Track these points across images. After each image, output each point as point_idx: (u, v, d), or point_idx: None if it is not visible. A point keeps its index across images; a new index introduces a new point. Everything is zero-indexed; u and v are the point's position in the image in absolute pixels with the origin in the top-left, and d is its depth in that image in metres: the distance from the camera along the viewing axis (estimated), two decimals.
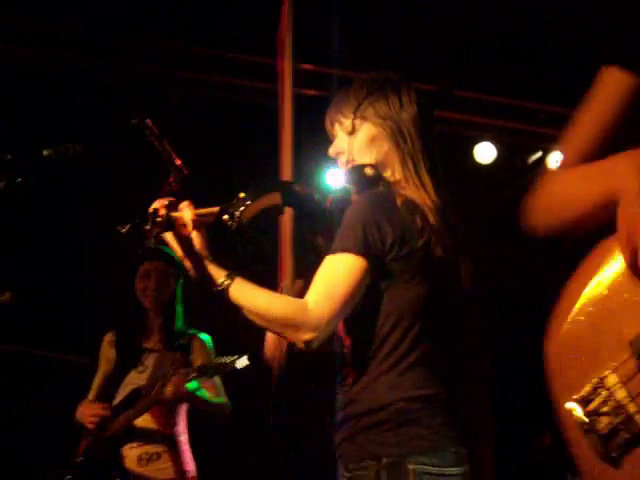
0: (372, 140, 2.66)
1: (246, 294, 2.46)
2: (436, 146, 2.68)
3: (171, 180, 3.07)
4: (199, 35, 5.92)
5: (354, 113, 2.68)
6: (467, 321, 2.63)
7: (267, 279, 2.61)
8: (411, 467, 2.37)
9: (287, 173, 2.99)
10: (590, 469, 1.72)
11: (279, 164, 2.90)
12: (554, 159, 6.94)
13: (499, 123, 6.77)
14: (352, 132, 2.69)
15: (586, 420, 1.73)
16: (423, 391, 2.44)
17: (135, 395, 4.46)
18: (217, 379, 4.54)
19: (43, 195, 5.45)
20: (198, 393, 4.40)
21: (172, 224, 2.51)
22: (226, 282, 2.46)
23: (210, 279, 2.47)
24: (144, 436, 4.47)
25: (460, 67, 6.29)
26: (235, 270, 2.49)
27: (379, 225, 2.43)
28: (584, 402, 1.74)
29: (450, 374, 2.52)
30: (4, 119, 5.50)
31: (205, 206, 2.59)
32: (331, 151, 2.75)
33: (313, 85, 6.18)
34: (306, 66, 6.20)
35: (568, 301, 1.77)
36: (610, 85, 1.87)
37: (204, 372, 4.27)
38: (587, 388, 1.73)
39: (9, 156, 3.04)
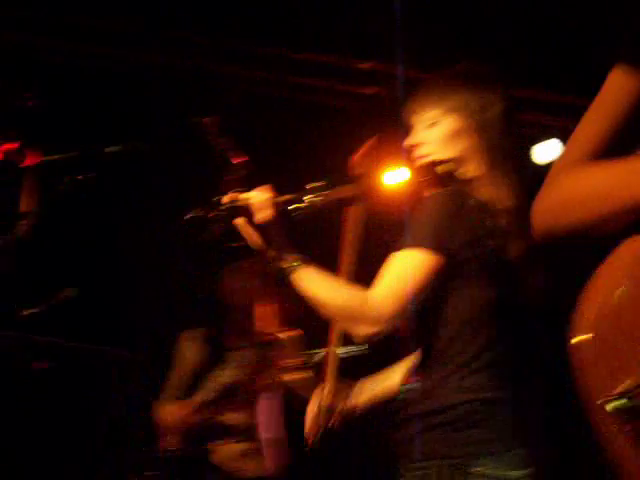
0: (453, 135, 2.60)
1: (312, 281, 2.45)
2: (519, 145, 2.64)
3: (233, 177, 3.08)
4: (262, 34, 5.92)
5: (437, 105, 2.62)
6: (532, 327, 2.60)
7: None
8: (473, 469, 2.37)
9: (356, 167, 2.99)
10: (627, 465, 1.67)
11: (348, 159, 2.88)
12: None
13: (560, 122, 6.69)
14: (433, 124, 2.63)
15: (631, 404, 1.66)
16: (489, 394, 2.42)
17: (224, 391, 4.48)
18: None
19: (107, 193, 5.49)
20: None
21: (244, 210, 2.51)
22: (294, 267, 2.45)
23: (279, 263, 2.47)
24: (234, 432, 4.50)
25: (518, 65, 6.24)
26: (305, 256, 2.49)
27: (450, 225, 2.40)
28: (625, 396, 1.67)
29: (516, 378, 2.50)
30: (69, 118, 5.55)
31: None
32: (408, 142, 2.69)
33: (373, 83, 6.17)
34: (365, 65, 6.18)
35: (597, 294, 1.68)
36: (621, 81, 1.77)
37: (298, 367, 4.29)
38: (630, 382, 1.67)
39: (74, 153, 3.07)
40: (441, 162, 2.57)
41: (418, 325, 2.49)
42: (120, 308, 5.91)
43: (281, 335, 4.65)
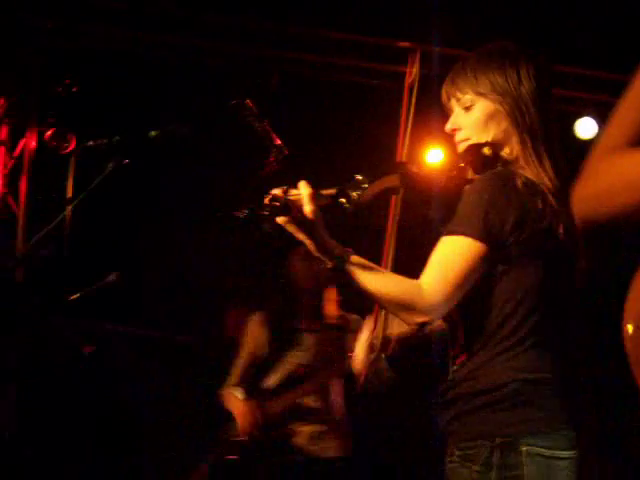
0: (490, 117, 2.57)
1: (362, 273, 2.45)
2: (556, 123, 2.58)
3: (271, 160, 3.10)
4: (299, 15, 5.94)
5: (471, 88, 2.60)
6: (581, 304, 2.60)
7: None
8: (524, 448, 2.36)
9: (401, 153, 3.00)
10: None
11: (394, 145, 2.89)
12: None
13: (600, 98, 6.66)
14: (469, 108, 2.61)
15: None
16: (539, 374, 2.41)
17: (301, 375, 4.51)
18: None
19: (150, 176, 5.54)
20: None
21: (289, 208, 2.52)
22: (343, 260, 2.46)
23: (328, 257, 2.48)
24: (312, 414, 4.53)
25: (560, 42, 6.20)
26: (351, 248, 2.51)
27: (499, 208, 2.38)
28: None
29: (564, 359, 2.48)
30: (113, 102, 5.60)
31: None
32: (448, 127, 2.66)
33: (410, 62, 6.15)
34: (405, 44, 6.18)
35: None
36: None
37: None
38: None
39: (117, 138, 3.10)
40: (484, 144, 2.55)
41: (468, 307, 2.49)
42: (173, 293, 5.96)
43: (349, 317, 4.67)
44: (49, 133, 5.35)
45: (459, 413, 2.49)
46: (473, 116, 2.59)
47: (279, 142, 3.13)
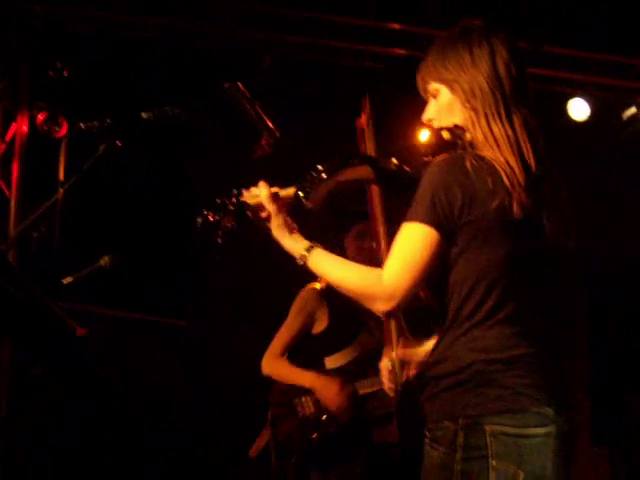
0: (451, 102, 2.60)
1: (324, 266, 2.56)
2: (524, 97, 2.57)
3: (263, 143, 3.11)
4: None
5: (433, 76, 2.63)
6: (556, 281, 2.61)
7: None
8: (488, 428, 2.38)
9: (370, 147, 3.01)
10: None
11: (388, 127, 2.90)
12: None
13: (592, 79, 6.66)
14: (436, 96, 2.65)
15: None
16: (503, 353, 2.43)
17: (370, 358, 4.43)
18: None
19: (143, 157, 5.53)
20: None
21: (244, 211, 2.58)
22: (305, 256, 2.54)
23: (293, 253, 2.56)
24: (383, 398, 4.45)
25: (551, 23, 6.20)
26: (315, 242, 2.57)
27: (448, 190, 2.40)
28: None
29: (537, 334, 2.49)
30: (104, 86, 5.59)
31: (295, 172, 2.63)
32: (423, 118, 2.70)
33: (403, 45, 6.16)
34: (395, 25, 6.18)
35: None
36: None
37: None
38: None
39: (109, 120, 3.10)
40: (442, 129, 2.58)
41: (433, 291, 2.52)
42: (167, 276, 5.97)
43: None
44: (41, 117, 5.33)
45: (428, 396, 2.53)
46: (439, 103, 2.63)
47: (271, 125, 3.14)
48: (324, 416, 4.50)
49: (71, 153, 3.63)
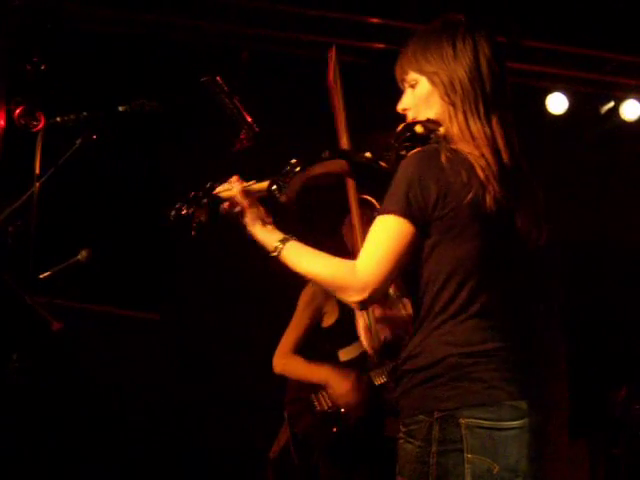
0: (429, 94, 2.59)
1: (297, 257, 2.54)
2: (502, 95, 2.58)
3: (242, 137, 3.10)
4: None
5: (413, 67, 2.62)
6: (529, 274, 2.61)
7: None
8: (463, 421, 2.38)
9: (344, 139, 3.01)
10: None
11: (366, 120, 2.90)
12: (627, 108, 6.86)
13: (570, 73, 6.68)
14: (414, 86, 2.64)
15: None
16: (477, 346, 2.43)
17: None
18: None
19: (120, 150, 5.51)
20: None
21: (218, 204, 2.58)
22: (279, 248, 2.54)
23: (266, 247, 2.55)
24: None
25: (530, 17, 6.22)
26: (290, 235, 2.56)
27: (422, 183, 2.41)
28: None
29: (511, 327, 2.50)
30: (82, 80, 5.56)
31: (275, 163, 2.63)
32: (399, 107, 2.70)
33: (382, 39, 6.17)
34: (374, 19, 6.18)
35: None
36: None
37: None
38: None
39: (85, 113, 3.09)
40: (417, 122, 2.58)
41: (407, 284, 2.53)
42: (144, 269, 5.95)
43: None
44: (18, 111, 5.30)
45: (403, 390, 2.53)
46: (416, 94, 2.63)
47: (250, 119, 3.13)
48: (342, 409, 4.47)
49: (48, 147, 3.61)
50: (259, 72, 5.97)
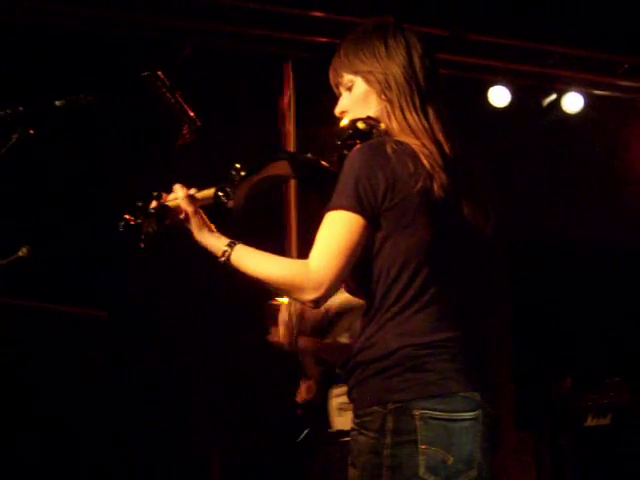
0: (367, 93, 2.62)
1: (247, 260, 2.52)
2: (437, 89, 2.62)
3: (184, 132, 3.08)
4: None
5: (347, 69, 2.64)
6: (478, 263, 2.63)
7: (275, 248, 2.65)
8: (417, 412, 2.38)
9: (290, 141, 3.01)
10: None
11: (314, 117, 2.90)
12: (568, 101, 6.92)
13: (512, 66, 6.72)
14: (350, 88, 2.66)
15: None
16: (431, 337, 2.44)
17: None
18: None
19: (57, 146, 5.45)
20: None
21: (165, 213, 2.58)
22: (227, 252, 2.53)
23: (214, 252, 2.55)
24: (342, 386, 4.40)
25: (472, 10, 6.24)
26: (236, 240, 2.55)
27: (370, 176, 2.42)
28: None
29: (462, 318, 2.51)
30: (16, 72, 5.50)
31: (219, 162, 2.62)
32: (336, 110, 2.71)
33: (326, 33, 6.16)
34: (317, 13, 6.17)
35: None
36: None
37: None
38: None
39: (21, 108, 3.05)
40: (358, 119, 2.59)
41: (359, 280, 2.53)
42: (87, 265, 5.90)
43: None
44: None
45: (356, 382, 2.52)
46: (353, 96, 2.65)
47: (192, 114, 3.12)
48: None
49: None
50: (202, 66, 5.95)
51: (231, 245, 2.53)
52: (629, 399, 6.32)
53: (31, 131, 3.07)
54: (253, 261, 2.52)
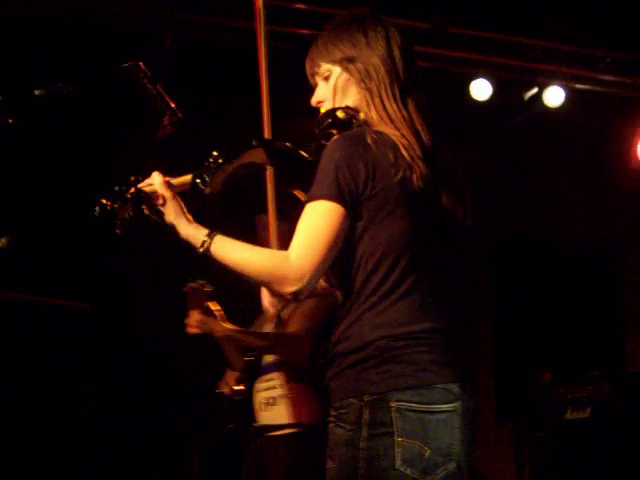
0: (345, 83, 2.61)
1: (227, 251, 2.48)
2: (415, 80, 2.62)
3: (165, 123, 3.07)
4: None
5: (325, 59, 2.64)
6: (456, 251, 2.63)
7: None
8: (393, 404, 2.37)
9: (267, 127, 3.00)
10: None
11: (293, 107, 2.89)
12: (550, 95, 6.93)
13: (494, 59, 6.73)
14: (327, 78, 2.65)
15: None
16: (408, 327, 2.43)
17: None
18: None
19: (37, 135, 5.42)
20: None
21: (142, 199, 2.55)
22: (207, 243, 2.48)
23: (192, 243, 2.50)
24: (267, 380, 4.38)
25: (454, 3, 6.25)
26: (215, 230, 2.52)
27: (350, 165, 2.41)
28: None
29: (439, 309, 2.50)
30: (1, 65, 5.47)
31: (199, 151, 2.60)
32: (313, 101, 2.70)
33: (308, 25, 6.16)
34: (299, 5, 6.17)
35: None
36: None
37: None
38: None
39: (0, 97, 3.03)
40: (337, 109, 2.59)
41: (338, 270, 2.52)
42: (69, 257, 5.88)
43: None
44: None
45: (334, 374, 2.51)
46: (331, 84, 2.65)
47: (173, 105, 3.10)
48: None
49: None
50: (183, 58, 5.94)
51: (210, 236, 2.49)
52: (608, 392, 6.33)
53: (10, 120, 3.06)
54: (233, 252, 2.48)
